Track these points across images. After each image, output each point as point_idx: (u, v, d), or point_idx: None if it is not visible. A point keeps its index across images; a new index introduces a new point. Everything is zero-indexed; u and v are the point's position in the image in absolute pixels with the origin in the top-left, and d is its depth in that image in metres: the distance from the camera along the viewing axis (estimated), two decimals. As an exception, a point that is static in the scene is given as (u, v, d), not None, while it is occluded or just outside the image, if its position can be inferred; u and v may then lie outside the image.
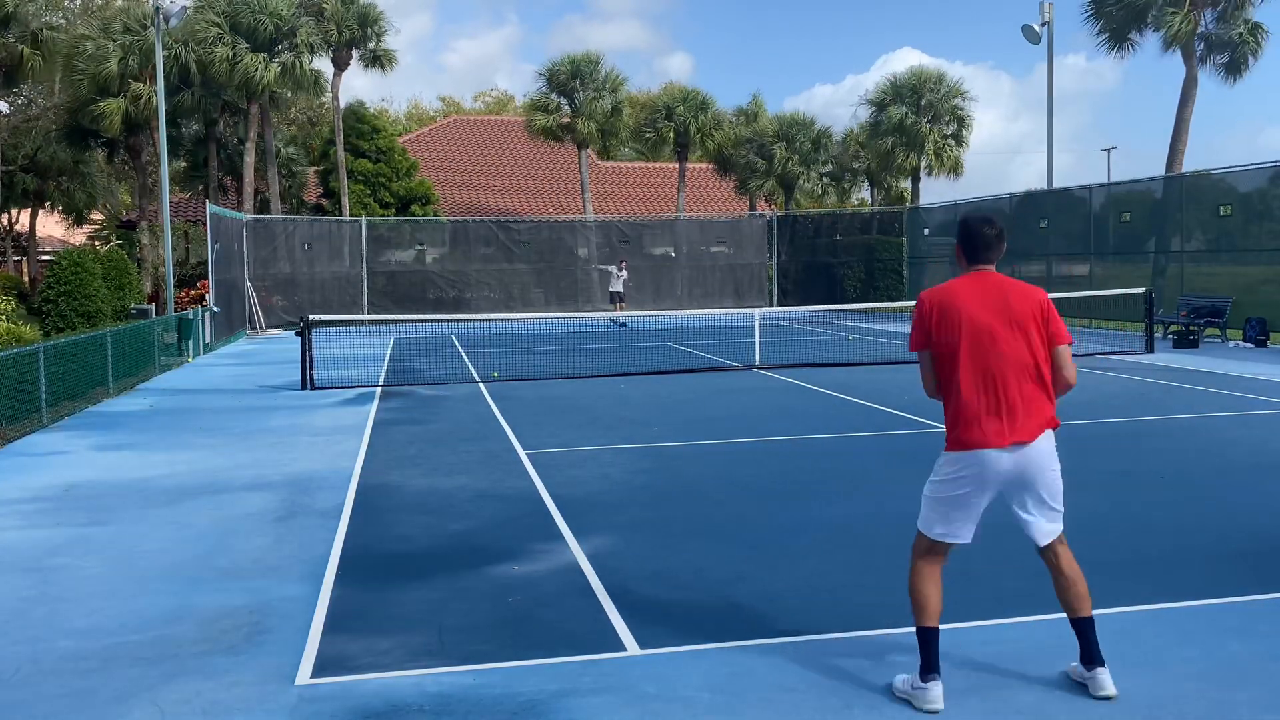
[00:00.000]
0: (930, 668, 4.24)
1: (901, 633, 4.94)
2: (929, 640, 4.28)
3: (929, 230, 33.13)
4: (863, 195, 45.43)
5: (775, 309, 32.54)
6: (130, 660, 4.87)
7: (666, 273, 35.39)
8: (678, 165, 38.40)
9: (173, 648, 5.02)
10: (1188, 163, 26.54)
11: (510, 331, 27.46)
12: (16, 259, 45.93)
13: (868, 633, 5.02)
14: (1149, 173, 25.29)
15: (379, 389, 15.12)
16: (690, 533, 6.93)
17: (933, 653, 4.26)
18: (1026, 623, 5.04)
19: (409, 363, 19.16)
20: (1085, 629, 4.34)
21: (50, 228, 49.39)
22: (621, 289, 29.34)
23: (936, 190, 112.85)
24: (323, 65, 31.96)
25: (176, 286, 26.70)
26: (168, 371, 18.00)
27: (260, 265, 29.47)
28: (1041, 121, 38.95)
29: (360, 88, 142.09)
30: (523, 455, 9.79)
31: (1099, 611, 5.24)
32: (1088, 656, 4.32)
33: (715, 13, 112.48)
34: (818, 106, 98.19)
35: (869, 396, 13.26)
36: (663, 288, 34.89)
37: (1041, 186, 29.44)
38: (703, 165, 42.65)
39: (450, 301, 32.94)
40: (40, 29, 29.03)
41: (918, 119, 34.44)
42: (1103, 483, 8.20)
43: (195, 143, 34.81)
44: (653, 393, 14.16)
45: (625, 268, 29.96)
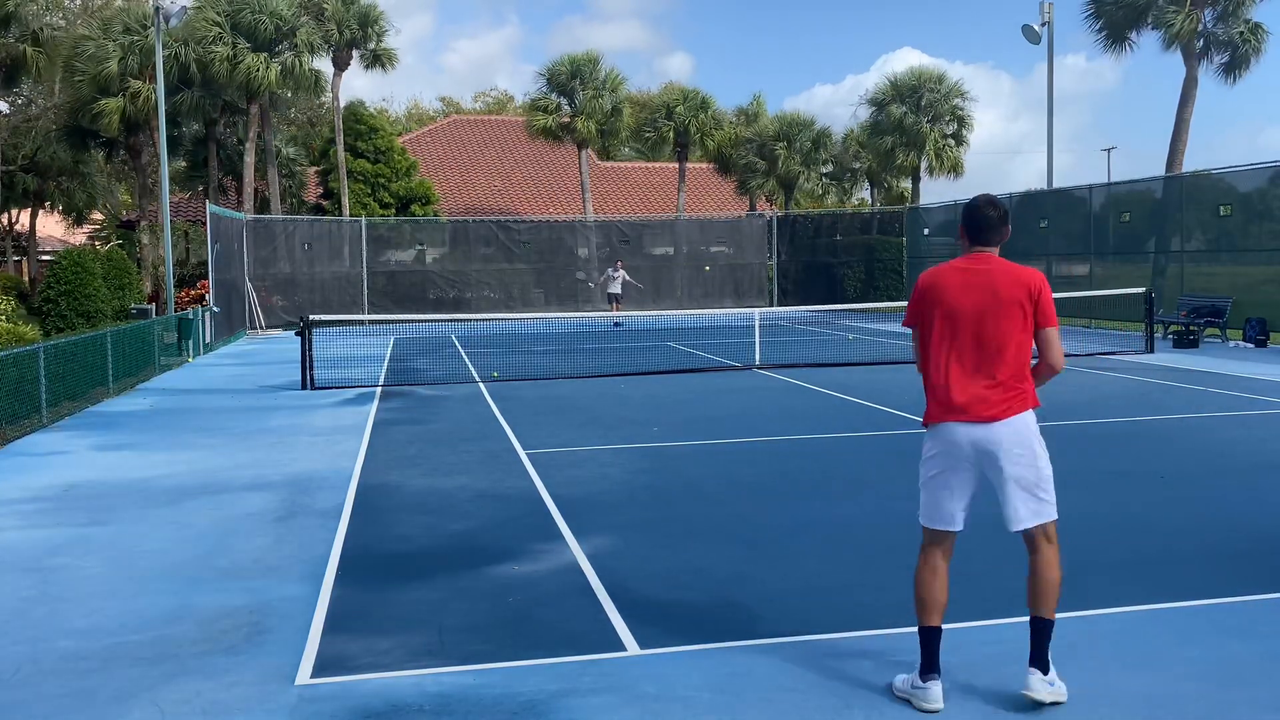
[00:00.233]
0: (930, 667, 4.21)
1: (901, 633, 4.94)
2: (930, 639, 4.25)
3: (929, 230, 33.12)
4: (863, 195, 45.48)
5: (775, 309, 32.52)
6: (130, 660, 4.88)
7: (666, 273, 35.39)
8: (678, 165, 38.39)
9: (173, 648, 5.02)
10: (1188, 163, 26.59)
11: (510, 331, 27.46)
12: (16, 259, 45.94)
13: (868, 633, 5.02)
14: (1149, 173, 25.33)
15: (379, 389, 15.12)
16: (690, 533, 6.93)
17: (933, 652, 4.23)
18: (1026, 623, 5.02)
19: (409, 363, 19.16)
20: (1039, 629, 4.22)
21: (50, 228, 49.41)
22: (619, 290, 29.21)
23: (936, 190, 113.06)
24: (323, 65, 31.99)
25: (176, 286, 26.69)
26: (168, 371, 18.00)
27: (260, 265, 29.47)
28: (1041, 121, 38.95)
29: (360, 88, 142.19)
30: (523, 455, 9.79)
31: (1100, 611, 5.27)
32: (1033, 657, 4.20)
33: (715, 13, 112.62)
34: (818, 106, 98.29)
35: (869, 396, 13.26)
36: (662, 288, 34.89)
37: (1041, 186, 29.45)
38: (703, 165, 42.63)
39: (450, 301, 32.93)
40: (41, 29, 29.02)
41: (918, 119, 34.43)
42: (1102, 482, 8.20)
43: (195, 143, 34.81)
44: (653, 393, 14.17)
45: (622, 268, 29.82)
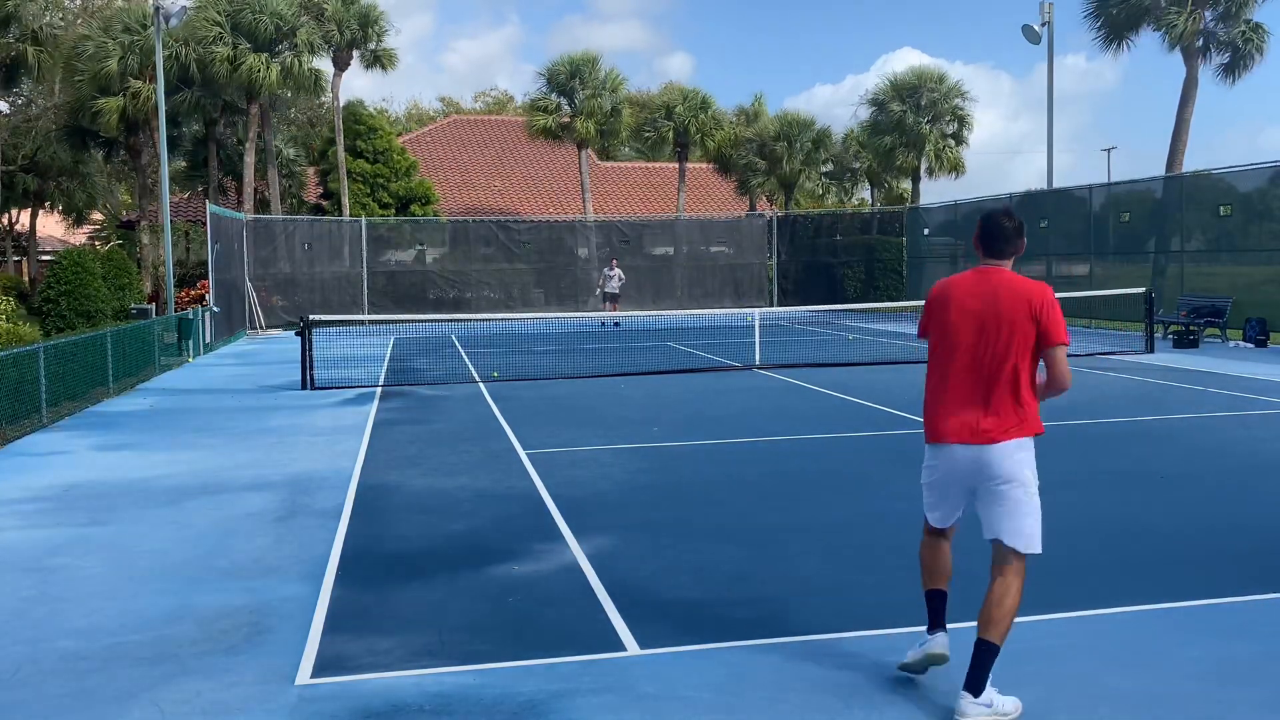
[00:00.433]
0: (934, 624, 4.41)
1: (901, 633, 4.94)
2: (933, 600, 4.45)
3: (929, 230, 33.13)
4: (863, 195, 45.48)
5: (775, 309, 32.52)
6: (130, 660, 4.88)
7: (666, 273, 35.38)
8: (678, 165, 38.38)
9: (173, 648, 5.02)
10: (1188, 163, 26.57)
11: (510, 331, 27.46)
12: (16, 259, 45.95)
13: (868, 633, 5.02)
14: (1149, 173, 25.33)
15: (379, 389, 15.12)
16: (690, 533, 6.93)
17: (936, 610, 4.42)
18: (1027, 622, 5.03)
19: (409, 363, 19.15)
20: (979, 650, 4.06)
21: (50, 228, 49.42)
22: (616, 289, 28.82)
23: (937, 190, 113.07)
24: (323, 65, 31.97)
25: (176, 286, 26.68)
26: (168, 371, 18.00)
27: (260, 265, 29.47)
28: (1041, 121, 38.95)
29: (360, 88, 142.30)
30: (523, 455, 9.79)
31: (1100, 611, 5.27)
32: (968, 678, 4.05)
33: (715, 13, 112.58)
34: (818, 106, 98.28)
35: (869, 396, 13.26)
36: (662, 288, 34.89)
37: (1041, 186, 29.45)
38: (703, 165, 42.61)
39: (450, 301, 32.92)
40: (40, 28, 29.01)
41: (918, 119, 34.42)
42: (1103, 483, 8.21)
43: (195, 143, 34.80)
44: (653, 393, 14.16)
45: (617, 266, 29.38)
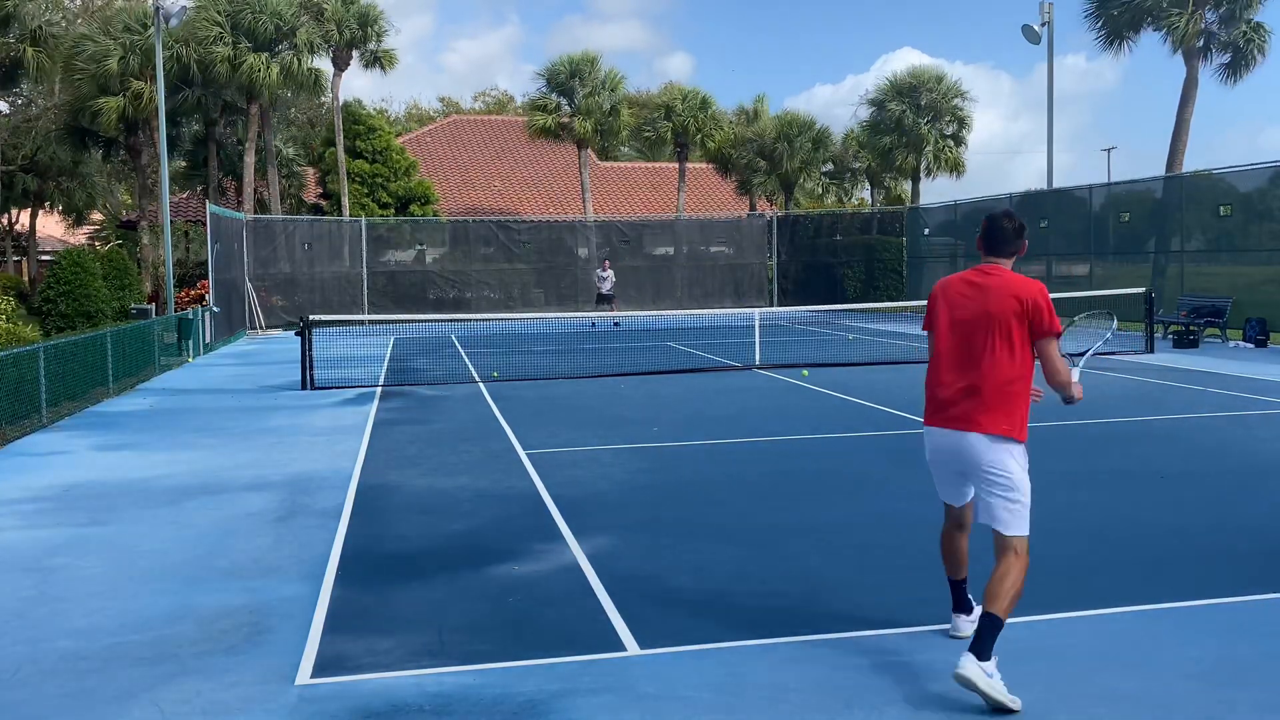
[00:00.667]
0: (957, 607, 4.86)
1: (901, 633, 4.95)
2: (954, 586, 4.87)
3: (929, 230, 33.12)
4: (863, 195, 45.48)
5: (775, 309, 32.52)
6: (130, 660, 4.88)
7: (666, 273, 35.37)
8: (678, 165, 38.38)
9: (173, 648, 5.02)
10: (1188, 163, 26.56)
11: (510, 331, 27.46)
12: (16, 259, 45.94)
13: (868, 632, 5.01)
14: (1149, 173, 25.32)
15: (379, 389, 15.12)
16: (690, 533, 6.93)
17: (958, 596, 4.86)
18: (1027, 622, 5.03)
19: (409, 363, 19.15)
20: (984, 623, 4.21)
21: (50, 228, 49.41)
22: (610, 290, 28.59)
23: (937, 190, 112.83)
24: (323, 65, 31.98)
25: (176, 286, 26.69)
26: (168, 371, 18.00)
27: (260, 265, 29.47)
28: (1041, 121, 38.96)
29: (360, 88, 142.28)
30: (523, 455, 9.79)
31: (1100, 611, 5.27)
32: (972, 642, 4.19)
33: (715, 13, 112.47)
34: (818, 106, 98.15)
35: (869, 396, 13.26)
36: (662, 288, 34.88)
37: (1041, 186, 29.45)
38: (703, 165, 42.61)
39: (450, 301, 32.92)
40: (40, 28, 29.00)
41: (917, 119, 34.43)
42: (1103, 483, 8.21)
43: (195, 143, 34.79)
44: (653, 393, 14.16)
45: (610, 267, 29.16)
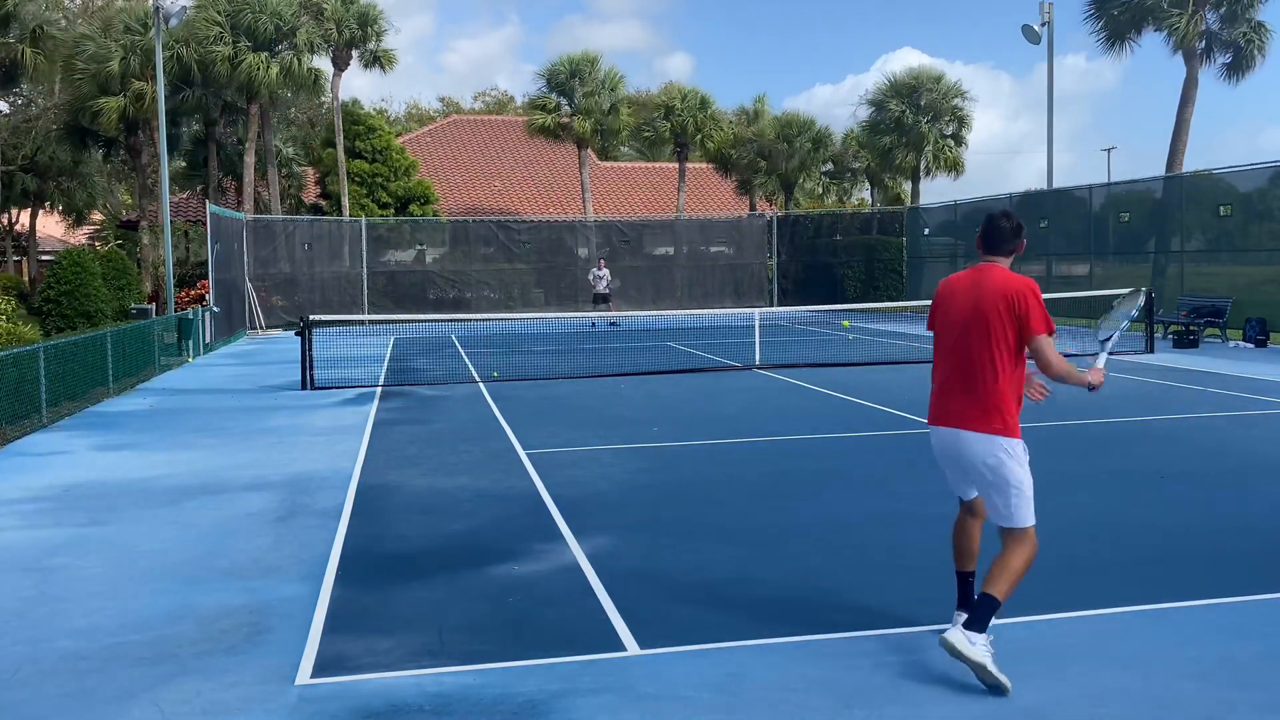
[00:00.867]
0: (960, 604, 4.76)
1: (902, 633, 4.95)
2: (961, 581, 4.81)
3: (929, 230, 33.11)
4: (863, 195, 45.46)
5: (775, 309, 32.52)
6: (130, 660, 4.87)
7: (666, 273, 35.36)
8: (678, 165, 38.37)
9: (173, 648, 5.02)
10: (1188, 163, 26.53)
11: (510, 331, 27.45)
12: (16, 259, 45.94)
13: (868, 633, 5.01)
14: (1149, 173, 25.31)
15: (379, 389, 15.12)
16: (690, 533, 6.93)
17: (964, 593, 4.77)
18: (1027, 622, 5.04)
19: (409, 363, 19.15)
20: (980, 599, 4.40)
21: (50, 228, 49.39)
22: (606, 290, 28.51)
23: (936, 190, 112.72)
24: (323, 65, 31.97)
25: (176, 286, 26.69)
26: (168, 371, 17.99)
27: (260, 265, 29.47)
28: (1041, 121, 38.95)
29: (360, 88, 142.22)
30: (523, 455, 9.79)
31: (1100, 611, 5.27)
32: (968, 621, 4.35)
33: (715, 13, 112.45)
34: (818, 106, 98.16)
35: (869, 396, 13.26)
36: (662, 288, 34.88)
37: (1041, 186, 29.45)
38: (703, 165, 42.59)
39: (450, 301, 32.92)
40: (40, 27, 29.00)
41: (917, 119, 34.43)
42: (1103, 482, 8.21)
43: (195, 143, 34.79)
44: (653, 393, 14.16)
45: (605, 267, 29.05)
